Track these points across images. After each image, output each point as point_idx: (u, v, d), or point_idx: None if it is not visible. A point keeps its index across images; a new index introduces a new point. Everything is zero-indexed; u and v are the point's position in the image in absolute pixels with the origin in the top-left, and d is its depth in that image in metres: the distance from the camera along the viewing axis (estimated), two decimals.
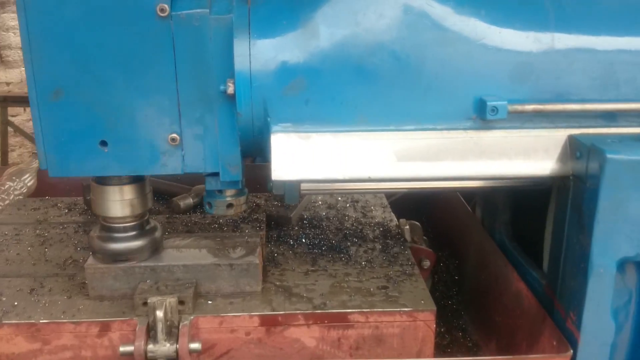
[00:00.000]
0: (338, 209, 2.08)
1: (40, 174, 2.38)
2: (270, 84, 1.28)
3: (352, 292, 1.53)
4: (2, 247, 1.77)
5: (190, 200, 2.05)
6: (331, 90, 1.28)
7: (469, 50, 1.30)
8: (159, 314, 1.37)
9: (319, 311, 1.44)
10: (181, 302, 1.42)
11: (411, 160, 1.26)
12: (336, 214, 2.03)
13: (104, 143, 1.34)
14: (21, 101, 5.20)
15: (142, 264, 1.49)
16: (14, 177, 2.25)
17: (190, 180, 2.12)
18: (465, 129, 1.28)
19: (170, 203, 2.06)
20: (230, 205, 1.52)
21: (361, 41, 1.27)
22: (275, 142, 1.28)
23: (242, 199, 1.54)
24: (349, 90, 1.28)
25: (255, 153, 1.44)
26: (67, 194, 2.25)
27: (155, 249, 1.53)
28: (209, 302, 1.49)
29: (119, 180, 1.44)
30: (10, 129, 5.55)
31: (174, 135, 1.35)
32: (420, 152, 1.26)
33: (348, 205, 2.11)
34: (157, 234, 1.54)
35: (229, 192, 1.52)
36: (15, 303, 1.47)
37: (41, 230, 1.89)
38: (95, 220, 1.87)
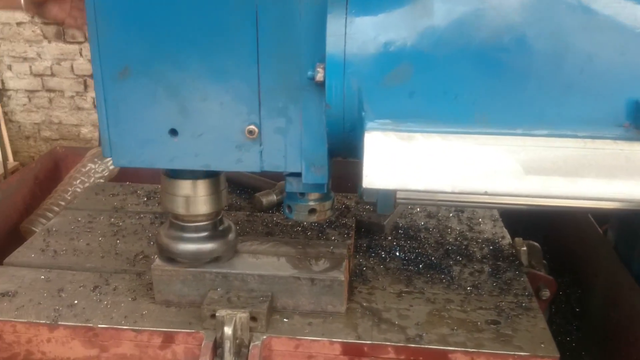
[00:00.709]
0: (439, 219, 1.85)
1: None
2: (369, 70, 1.08)
3: (454, 324, 1.31)
4: (73, 235, 1.69)
5: (273, 197, 1.90)
6: (443, 81, 1.07)
7: (625, 40, 1.04)
8: (228, 330, 1.22)
9: (413, 345, 1.23)
10: (253, 318, 1.26)
11: (542, 173, 1.02)
12: (437, 225, 1.81)
13: (173, 132, 1.20)
14: None
15: (214, 269, 1.35)
16: (96, 159, 2.19)
17: (276, 174, 1.96)
18: (614, 138, 1.02)
19: (253, 199, 1.91)
20: (312, 211, 1.34)
21: (486, 22, 1.05)
22: (370, 141, 1.08)
23: (327, 204, 1.35)
24: (466, 82, 1.06)
25: (345, 153, 1.25)
26: (150, 180, 2.16)
27: (228, 253, 1.38)
28: (285, 319, 1.32)
29: (191, 174, 1.30)
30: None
31: (252, 127, 1.18)
32: (554, 165, 1.01)
33: (451, 215, 1.88)
34: (232, 236, 1.39)
35: (312, 196, 1.34)
36: (75, 301, 1.37)
37: (116, 219, 1.80)
38: None
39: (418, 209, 1.91)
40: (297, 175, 1.25)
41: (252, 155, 1.21)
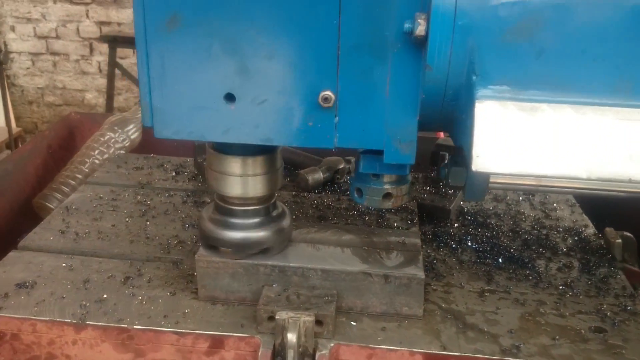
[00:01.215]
0: (508, 203, 1.65)
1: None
2: (486, 22, 0.86)
3: (553, 331, 1.11)
4: (96, 214, 1.49)
5: (320, 175, 1.69)
6: (582, 38, 0.85)
7: None
8: (291, 337, 1.03)
9: (510, 359, 1.04)
10: (319, 322, 1.07)
11: None
12: (507, 210, 1.61)
13: (230, 97, 0.99)
14: (132, 42, 5.02)
15: (269, 262, 1.15)
16: (115, 127, 1.98)
17: (326, 151, 1.76)
18: None
19: (296, 177, 1.71)
20: (387, 196, 1.13)
21: None
22: (483, 113, 0.88)
23: (404, 188, 1.15)
24: (611, 39, 0.85)
25: (439, 126, 1.04)
26: (175, 153, 1.96)
27: (283, 242, 1.18)
28: (353, 323, 1.13)
29: (245, 150, 1.10)
30: (117, 72, 5.46)
31: (328, 93, 0.97)
32: None
33: (521, 199, 1.67)
34: (286, 222, 1.19)
35: (388, 178, 1.13)
36: (105, 295, 1.18)
37: (143, 197, 1.59)
38: (207, 190, 1.56)
39: None
40: (377, 153, 1.04)
41: (325, 127, 1.00)
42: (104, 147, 1.93)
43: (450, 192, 1.60)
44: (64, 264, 1.28)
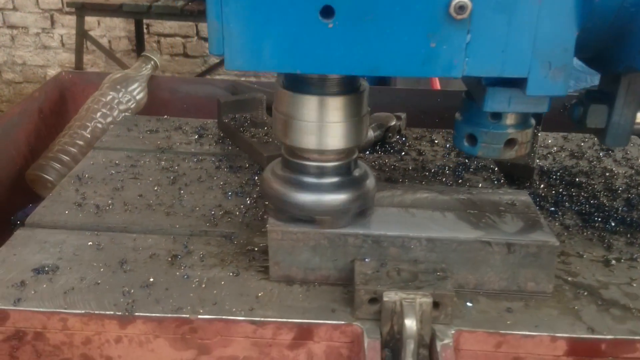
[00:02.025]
0: (589, 160, 1.45)
1: (153, 85, 1.85)
2: None
3: None
4: (116, 183, 1.25)
5: (370, 134, 1.47)
6: None
7: None
8: (410, 324, 0.81)
9: None
10: (435, 304, 0.85)
11: None
12: (592, 168, 1.41)
13: (328, 12, 0.76)
14: (102, 9, 4.69)
15: (361, 230, 0.93)
16: (118, 86, 1.72)
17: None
18: None
19: None
20: (510, 143, 0.92)
21: None
22: None
23: (529, 133, 0.94)
24: None
25: (595, 47, 0.83)
26: (185, 115, 1.71)
27: (367, 207, 0.96)
28: (468, 304, 0.92)
29: (324, 87, 0.87)
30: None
31: (464, 0, 0.75)
32: None
33: (601, 154, 1.48)
34: (370, 182, 0.97)
35: (510, 119, 0.91)
36: (151, 279, 0.94)
37: (167, 162, 1.35)
38: (239, 154, 1.33)
39: (555, 148, 1.51)
40: (509, 84, 0.83)
41: (453, 49, 0.78)
42: (107, 108, 1.67)
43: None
44: (89, 242, 1.04)
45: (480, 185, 1.24)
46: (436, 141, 1.52)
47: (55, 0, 5.60)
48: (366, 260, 0.93)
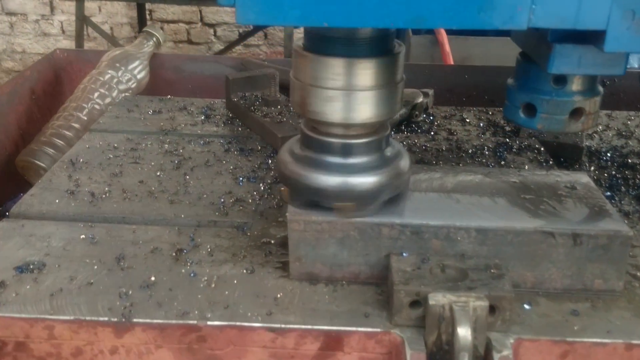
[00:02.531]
0: (638, 138, 1.31)
1: (156, 64, 1.71)
2: None
3: None
4: (114, 168, 1.11)
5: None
6: None
7: None
8: (464, 333, 0.67)
9: None
10: (491, 308, 0.72)
11: None
12: None
13: None
14: None
15: (395, 219, 0.79)
16: (117, 64, 1.58)
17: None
18: None
19: None
20: (577, 113, 0.78)
21: None
22: None
23: (597, 101, 0.79)
24: None
25: None
26: (190, 96, 1.57)
27: (401, 192, 0.83)
28: (526, 306, 0.78)
29: (354, 47, 0.74)
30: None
31: None
32: None
33: None
34: (404, 163, 0.83)
35: (576, 85, 0.77)
36: (153, 277, 0.81)
37: (171, 145, 1.22)
38: (250, 135, 1.20)
39: (600, 127, 1.37)
40: (587, 38, 0.69)
41: None
42: (105, 88, 1.53)
43: None
44: (82, 235, 0.91)
45: (526, 167, 1.09)
46: (467, 120, 1.38)
47: None
48: (404, 254, 0.79)
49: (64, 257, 0.86)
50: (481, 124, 1.35)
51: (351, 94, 0.75)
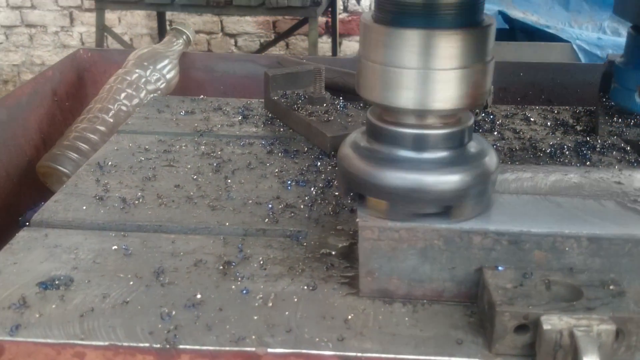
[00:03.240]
0: None
1: (186, 63, 1.60)
2: None
3: None
4: (146, 171, 1.00)
5: None
6: None
7: None
8: None
9: None
10: (619, 332, 0.59)
11: None
12: None
13: None
14: (120, 2, 4.47)
15: (489, 225, 0.66)
16: (145, 63, 1.48)
17: None
18: None
19: None
20: None
21: None
22: None
23: None
24: None
25: None
26: (224, 97, 1.46)
27: (487, 195, 0.70)
28: None
29: (434, 17, 0.63)
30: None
31: None
32: None
33: None
34: (491, 160, 0.70)
35: None
36: (199, 296, 0.69)
37: (208, 147, 1.10)
38: (293, 136, 1.09)
39: None
40: None
41: None
42: (132, 88, 1.43)
43: None
44: (114, 246, 0.79)
45: (616, 167, 0.96)
46: (532, 119, 1.25)
47: None
48: (499, 268, 0.67)
49: (94, 271, 0.74)
50: (548, 123, 1.22)
51: (428, 75, 0.64)
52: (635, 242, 0.65)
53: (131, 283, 0.72)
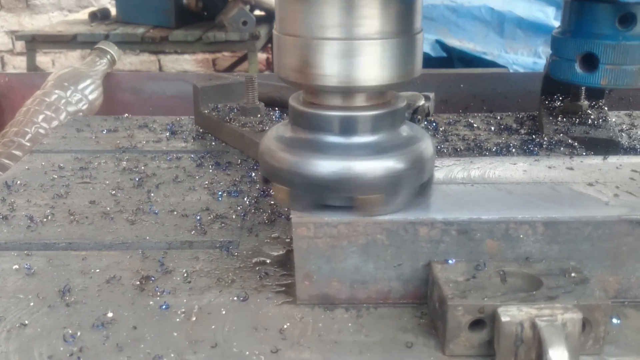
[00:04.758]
0: None
1: (111, 84, 1.51)
2: None
3: None
4: (58, 189, 0.91)
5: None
6: None
7: None
8: (559, 356, 0.47)
9: None
10: (585, 323, 0.53)
11: None
12: None
13: None
14: (55, 41, 4.34)
15: (435, 215, 0.60)
16: (66, 84, 1.39)
17: None
18: None
19: None
20: None
21: None
22: None
23: None
24: None
25: None
26: (154, 113, 1.38)
27: (424, 184, 0.64)
28: (615, 320, 0.59)
29: None
30: None
31: None
32: None
33: None
34: (426, 146, 0.64)
35: None
36: (110, 314, 0.60)
37: (131, 163, 1.01)
38: (226, 150, 1.02)
39: (624, 125, 1.21)
40: None
41: None
42: (51, 110, 1.33)
43: (595, 121, 1.09)
44: (15, 266, 0.70)
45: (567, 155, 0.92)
46: (475, 125, 1.21)
47: (6, 41, 5.29)
48: (449, 262, 0.60)
49: None
50: (492, 128, 1.19)
51: (353, 45, 0.57)
52: (595, 224, 0.60)
53: (31, 304, 0.62)
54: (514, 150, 0.99)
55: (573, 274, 0.58)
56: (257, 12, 3.81)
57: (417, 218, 0.60)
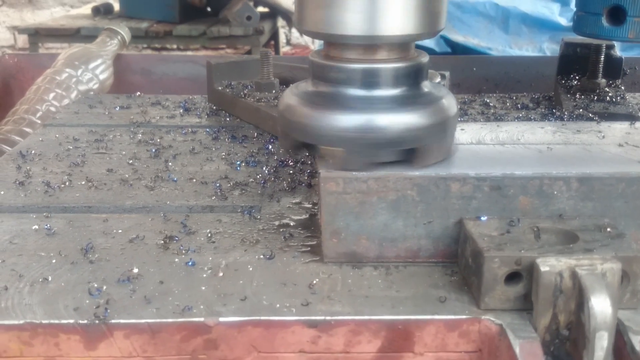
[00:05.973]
0: None
1: (121, 65, 1.51)
2: None
3: None
4: (75, 158, 0.90)
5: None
6: None
7: None
8: (601, 304, 0.47)
9: None
10: (623, 276, 0.52)
11: None
12: None
13: None
14: (59, 35, 4.34)
15: (468, 170, 0.59)
16: (76, 63, 1.38)
17: None
18: None
19: None
20: None
21: None
22: None
23: None
24: None
25: None
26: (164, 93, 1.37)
27: (448, 142, 0.63)
28: None
29: None
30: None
31: None
32: None
33: None
34: (450, 103, 0.63)
35: None
36: (135, 270, 0.59)
37: (146, 135, 1.00)
38: (241, 125, 1.01)
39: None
40: None
41: None
42: (62, 89, 1.32)
43: (614, 98, 1.08)
44: (34, 226, 0.68)
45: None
46: (491, 104, 1.20)
47: (8, 36, 5.29)
48: (482, 219, 0.59)
49: (9, 251, 0.63)
50: (508, 105, 1.18)
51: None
52: (629, 181, 0.59)
53: (54, 261, 0.61)
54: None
55: (609, 229, 0.57)
56: (261, 9, 3.81)
57: (449, 173, 0.59)
